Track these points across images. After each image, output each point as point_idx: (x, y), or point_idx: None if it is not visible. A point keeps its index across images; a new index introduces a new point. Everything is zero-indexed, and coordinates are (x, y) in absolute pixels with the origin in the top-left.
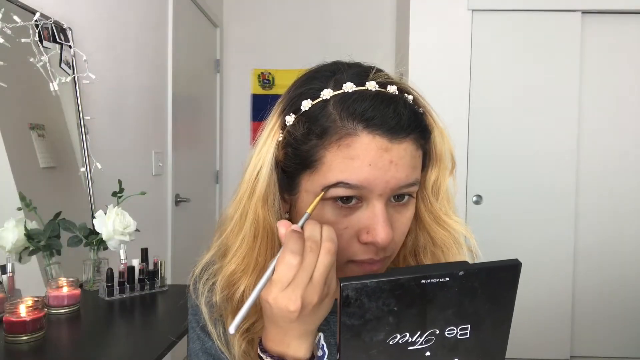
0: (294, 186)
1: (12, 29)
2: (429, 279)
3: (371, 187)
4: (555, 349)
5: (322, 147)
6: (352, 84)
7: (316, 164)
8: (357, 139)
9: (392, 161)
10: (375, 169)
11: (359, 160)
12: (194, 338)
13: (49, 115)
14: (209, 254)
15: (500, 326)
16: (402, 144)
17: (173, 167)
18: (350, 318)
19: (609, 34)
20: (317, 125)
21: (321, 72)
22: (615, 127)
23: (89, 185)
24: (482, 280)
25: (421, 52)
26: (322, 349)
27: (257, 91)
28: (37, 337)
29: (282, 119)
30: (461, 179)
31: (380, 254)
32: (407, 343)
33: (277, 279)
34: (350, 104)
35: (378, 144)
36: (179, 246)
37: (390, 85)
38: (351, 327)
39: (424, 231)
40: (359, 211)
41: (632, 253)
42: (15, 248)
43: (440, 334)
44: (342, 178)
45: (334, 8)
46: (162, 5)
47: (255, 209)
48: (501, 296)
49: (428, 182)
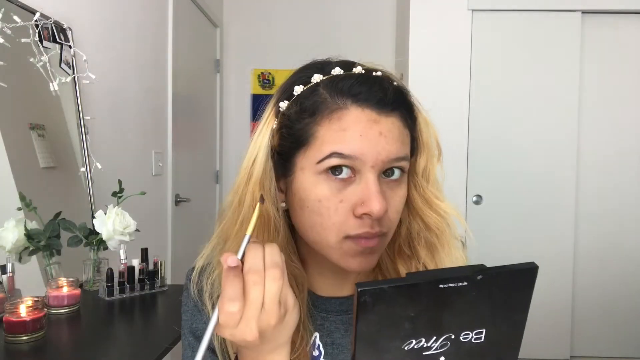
0: (289, 167)
1: (12, 29)
2: (447, 283)
3: (363, 157)
4: (555, 349)
5: (314, 123)
6: (340, 69)
7: (310, 139)
8: (347, 112)
9: (381, 132)
10: (366, 140)
11: (350, 131)
12: (186, 345)
13: (49, 115)
14: (210, 246)
15: (514, 330)
16: (390, 118)
17: (173, 167)
18: (367, 324)
19: (609, 34)
20: (309, 105)
21: (312, 65)
22: (615, 127)
23: (89, 185)
24: (500, 284)
25: (421, 52)
26: (318, 348)
27: (257, 91)
28: (37, 337)
29: (276, 107)
30: (461, 179)
31: (375, 227)
32: (423, 348)
33: (224, 324)
34: (338, 82)
35: (367, 116)
36: (179, 246)
37: (376, 71)
38: (367, 334)
39: (417, 217)
40: (353, 185)
41: (632, 253)
42: (15, 248)
43: (455, 338)
44: (335, 149)
45: (334, 8)
46: (162, 5)
47: (252, 194)
48: (517, 300)
49: (418, 168)
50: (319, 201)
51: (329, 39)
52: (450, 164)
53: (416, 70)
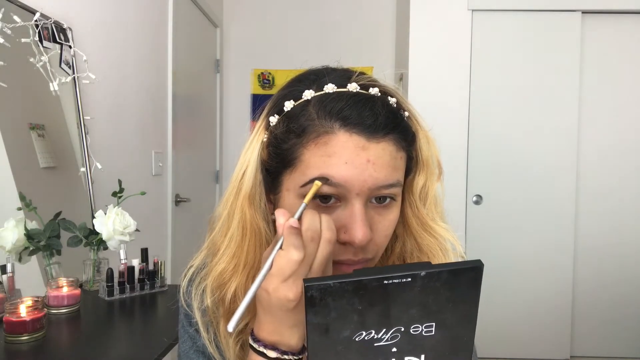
0: (276, 185)
1: (12, 29)
2: (391, 279)
3: (348, 185)
4: (555, 349)
5: (300, 145)
6: (333, 85)
7: (295, 162)
8: (334, 137)
9: (369, 160)
10: (352, 167)
11: (336, 158)
12: (185, 338)
13: (49, 115)
14: (201, 255)
15: (465, 324)
16: (380, 144)
17: (173, 167)
18: (316, 316)
19: (609, 34)
20: (296, 125)
21: (306, 76)
22: (615, 127)
23: (89, 185)
24: (444, 280)
25: (421, 52)
26: None
27: (257, 91)
28: (37, 337)
29: (266, 120)
30: (461, 179)
31: (359, 255)
32: (373, 339)
33: (278, 272)
34: (328, 103)
35: (355, 142)
36: (179, 246)
37: (372, 87)
38: (317, 325)
39: (410, 237)
40: (338, 210)
41: (632, 253)
42: (15, 248)
43: (405, 331)
44: (319, 175)
45: (334, 8)
46: (162, 5)
47: (242, 208)
48: (464, 296)
49: (415, 187)
50: None
51: (329, 39)
52: (450, 164)
53: (416, 70)
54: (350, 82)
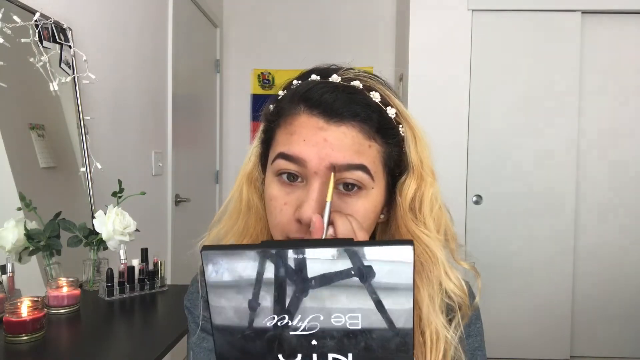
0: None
1: (12, 29)
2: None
3: (306, 161)
4: (555, 349)
5: (276, 126)
6: (317, 76)
7: (271, 142)
8: (297, 117)
9: (326, 140)
10: (309, 145)
11: (296, 135)
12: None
13: (49, 115)
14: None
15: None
16: (340, 127)
17: (173, 167)
18: (216, 291)
19: (609, 34)
20: (277, 109)
21: (305, 72)
22: (615, 127)
23: (89, 185)
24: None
25: (421, 52)
26: None
27: (257, 91)
28: (37, 337)
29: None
30: (461, 179)
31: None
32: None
33: None
34: (301, 88)
35: (314, 122)
36: (179, 246)
37: (355, 80)
38: (219, 308)
39: None
40: (299, 189)
41: (632, 253)
42: (15, 248)
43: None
44: (281, 150)
45: (334, 8)
46: (162, 5)
47: (240, 185)
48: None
49: (406, 191)
50: (270, 200)
51: (329, 39)
52: (450, 164)
53: (416, 70)
54: (332, 74)
